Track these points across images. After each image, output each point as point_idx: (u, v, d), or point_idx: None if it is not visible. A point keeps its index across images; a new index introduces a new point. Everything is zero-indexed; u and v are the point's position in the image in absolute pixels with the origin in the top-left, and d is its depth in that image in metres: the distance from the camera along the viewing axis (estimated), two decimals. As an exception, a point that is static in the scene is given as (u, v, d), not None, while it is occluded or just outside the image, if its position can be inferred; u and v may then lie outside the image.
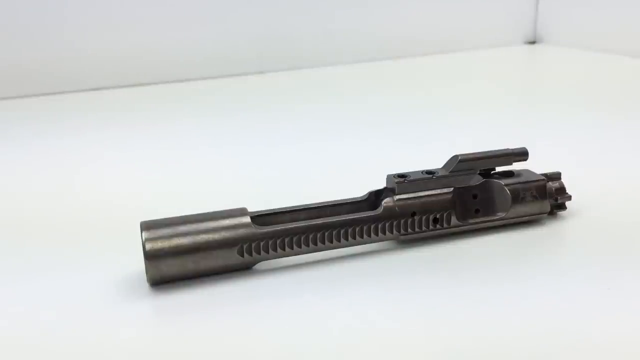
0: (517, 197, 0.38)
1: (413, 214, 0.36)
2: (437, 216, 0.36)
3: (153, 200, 0.46)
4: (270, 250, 0.34)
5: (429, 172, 0.37)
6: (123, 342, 0.29)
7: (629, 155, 0.53)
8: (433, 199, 0.36)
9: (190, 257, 0.32)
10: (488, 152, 0.38)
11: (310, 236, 0.34)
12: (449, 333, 0.28)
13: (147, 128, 0.68)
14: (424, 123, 0.66)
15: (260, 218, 0.35)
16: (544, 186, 0.39)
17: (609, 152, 0.54)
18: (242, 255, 0.33)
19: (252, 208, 0.35)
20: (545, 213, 0.39)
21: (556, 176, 0.40)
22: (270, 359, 0.27)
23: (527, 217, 0.38)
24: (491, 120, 0.66)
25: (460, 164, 0.37)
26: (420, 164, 0.40)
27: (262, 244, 0.33)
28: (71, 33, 0.86)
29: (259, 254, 0.34)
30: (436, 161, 0.39)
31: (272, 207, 0.36)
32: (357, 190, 0.38)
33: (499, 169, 0.39)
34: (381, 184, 0.37)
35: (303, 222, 0.34)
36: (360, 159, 0.54)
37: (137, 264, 0.34)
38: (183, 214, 0.34)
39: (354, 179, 0.46)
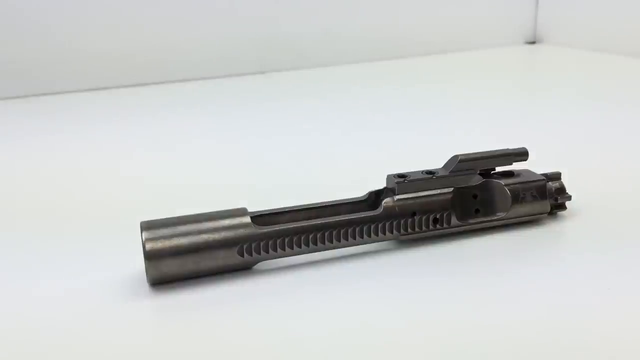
0: (517, 197, 0.38)
1: (413, 214, 0.36)
2: (437, 216, 0.36)
3: (153, 200, 0.46)
4: (270, 250, 0.34)
5: (429, 172, 0.37)
6: (123, 341, 0.29)
7: (629, 155, 0.52)
8: (433, 199, 0.36)
9: (190, 257, 0.32)
10: (488, 152, 0.38)
11: (310, 236, 0.34)
12: (449, 332, 0.28)
13: (147, 128, 0.68)
14: (424, 123, 0.66)
15: (260, 218, 0.35)
16: (544, 186, 0.39)
17: (609, 152, 0.54)
18: (242, 255, 0.33)
19: (252, 208, 0.35)
20: (545, 213, 0.39)
21: (556, 176, 0.40)
22: (270, 359, 0.27)
23: (527, 217, 0.38)
24: (491, 120, 0.66)
25: (460, 164, 0.37)
26: (420, 164, 0.40)
27: (262, 244, 0.33)
28: (71, 33, 0.86)
29: (259, 254, 0.34)
30: (436, 161, 0.39)
31: (272, 207, 0.36)
32: (357, 190, 0.38)
33: (499, 169, 0.39)
34: (381, 184, 0.37)
35: (303, 222, 0.34)
36: (360, 159, 0.54)
37: (137, 264, 0.34)
38: (183, 214, 0.34)
39: (354, 179, 0.46)
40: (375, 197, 0.37)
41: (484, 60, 1.06)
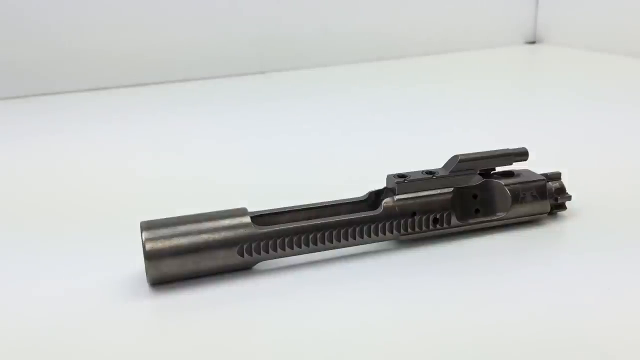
0: (517, 197, 0.38)
1: (413, 214, 0.36)
2: (437, 216, 0.36)
3: (153, 200, 0.46)
4: (270, 250, 0.34)
5: (429, 172, 0.37)
6: (123, 342, 0.29)
7: (629, 155, 0.52)
8: (433, 199, 0.36)
9: (190, 257, 0.32)
10: (488, 152, 0.38)
11: (310, 236, 0.34)
12: (449, 333, 0.28)
13: (147, 128, 0.68)
14: (424, 123, 0.66)
15: (260, 218, 0.35)
16: (544, 186, 0.39)
17: (609, 152, 0.54)
18: (242, 255, 0.33)
19: (252, 208, 0.35)
20: (545, 213, 0.39)
21: (556, 176, 0.40)
22: (270, 359, 0.27)
23: (527, 217, 0.38)
24: (491, 120, 0.66)
25: (460, 164, 0.37)
26: (420, 164, 0.40)
27: (262, 244, 0.33)
28: (71, 33, 0.86)
29: (259, 254, 0.34)
30: (436, 161, 0.39)
31: (272, 207, 0.36)
32: (357, 190, 0.38)
33: (499, 169, 0.39)
34: (381, 184, 0.37)
35: (303, 222, 0.34)
36: (360, 159, 0.54)
37: (137, 264, 0.34)
38: (183, 214, 0.34)
39: (354, 179, 0.46)
40: (375, 197, 0.37)
41: (483, 60, 1.06)
